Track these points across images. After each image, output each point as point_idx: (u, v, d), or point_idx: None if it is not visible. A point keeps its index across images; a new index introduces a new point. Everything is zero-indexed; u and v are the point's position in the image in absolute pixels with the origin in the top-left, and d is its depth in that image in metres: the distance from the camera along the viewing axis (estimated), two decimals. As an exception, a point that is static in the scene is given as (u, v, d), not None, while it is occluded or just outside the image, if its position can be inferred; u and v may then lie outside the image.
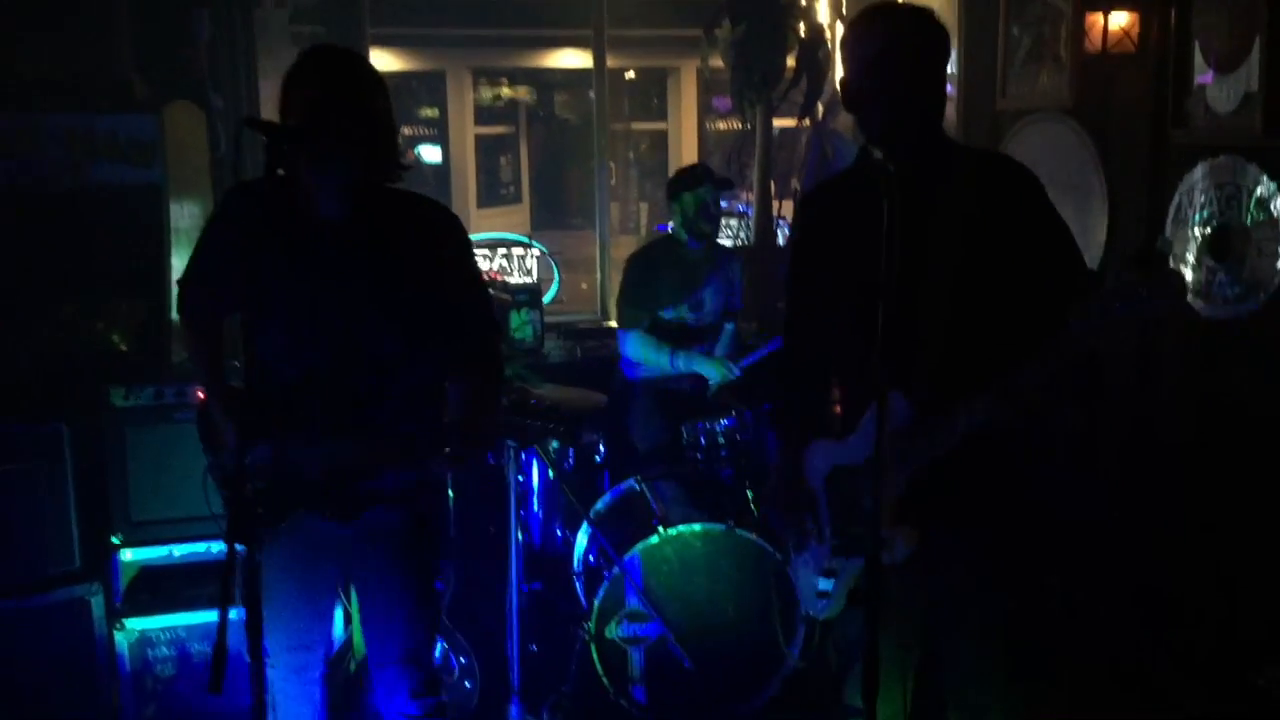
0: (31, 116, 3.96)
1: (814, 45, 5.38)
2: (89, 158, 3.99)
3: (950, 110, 4.54)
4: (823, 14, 5.62)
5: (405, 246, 2.56)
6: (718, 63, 5.88)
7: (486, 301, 2.76)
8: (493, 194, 17.76)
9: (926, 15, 2.34)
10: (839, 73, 5.90)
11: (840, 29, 5.36)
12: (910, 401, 2.26)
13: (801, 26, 5.46)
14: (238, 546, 2.10)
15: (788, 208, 5.89)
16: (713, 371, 4.42)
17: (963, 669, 2.41)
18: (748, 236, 5.96)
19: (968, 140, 4.50)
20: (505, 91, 18.64)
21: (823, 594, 2.50)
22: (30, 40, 4.18)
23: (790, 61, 5.47)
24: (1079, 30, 3.69)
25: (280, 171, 2.26)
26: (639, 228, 15.67)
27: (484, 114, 18.44)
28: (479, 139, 18.08)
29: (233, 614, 2.03)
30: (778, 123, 5.84)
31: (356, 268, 2.53)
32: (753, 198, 5.87)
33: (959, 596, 2.39)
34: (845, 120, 5.57)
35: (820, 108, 5.56)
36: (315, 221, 2.53)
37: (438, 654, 3.51)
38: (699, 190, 4.44)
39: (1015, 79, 4.18)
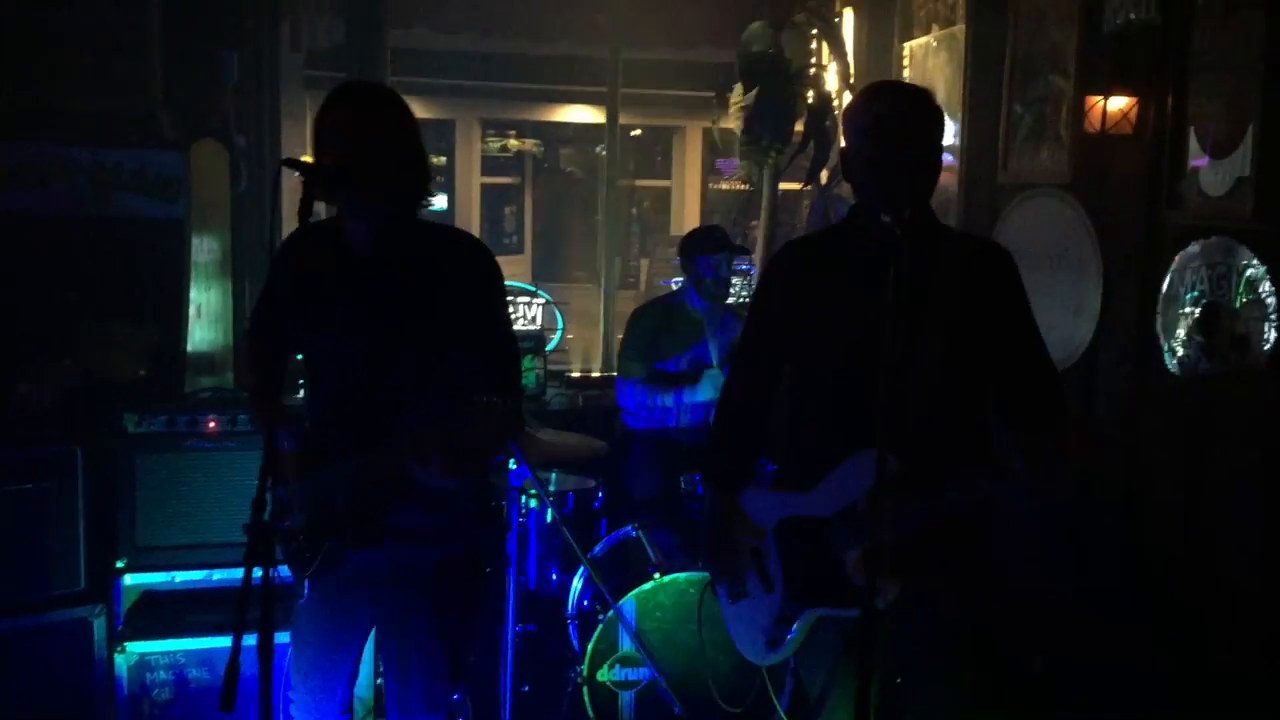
0: (63, 149, 4.09)
1: (821, 112, 5.53)
2: (116, 190, 4.12)
3: (951, 180, 4.69)
4: (831, 83, 5.78)
5: (435, 277, 2.59)
6: (725, 124, 6.02)
7: (511, 333, 2.78)
8: (495, 243, 17.91)
9: (924, 94, 2.48)
10: (842, 141, 6.08)
11: (847, 98, 5.51)
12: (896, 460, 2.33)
13: (810, 94, 5.61)
14: (255, 571, 2.14)
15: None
16: (702, 392, 4.46)
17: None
18: (750, 294, 6.07)
19: (968, 210, 4.63)
20: (512, 143, 18.88)
21: (774, 642, 2.54)
22: (65, 75, 4.32)
23: (798, 127, 5.61)
24: (1079, 111, 3.83)
25: (314, 208, 2.35)
26: (639, 283, 15.78)
27: (490, 164, 18.65)
28: (484, 188, 18.27)
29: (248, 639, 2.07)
30: (782, 186, 5.98)
31: (385, 299, 2.57)
32: (755, 257, 5.98)
33: (932, 646, 2.45)
34: (849, 186, 5.69)
35: (825, 173, 5.69)
36: (350, 255, 2.60)
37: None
38: (716, 256, 4.52)
39: (1016, 154, 4.31)
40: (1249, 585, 3.24)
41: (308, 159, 2.51)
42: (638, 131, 16.89)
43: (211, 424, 3.68)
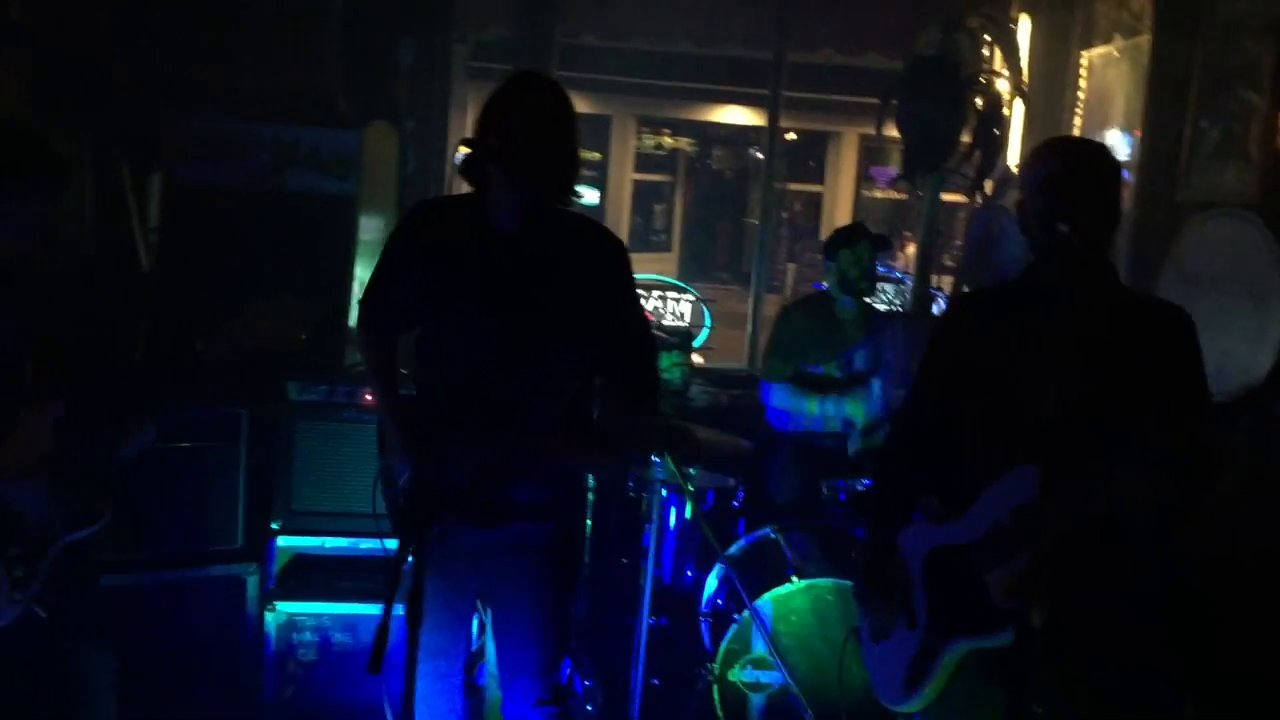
0: (245, 124, 4.26)
1: (990, 120, 5.40)
2: (292, 166, 4.27)
3: (1125, 197, 4.51)
4: (1002, 90, 5.63)
5: (571, 263, 2.65)
6: (888, 131, 5.92)
7: (645, 324, 2.84)
8: (644, 240, 18.05)
9: (1101, 149, 2.49)
10: (1013, 152, 5.92)
11: (1019, 106, 5.37)
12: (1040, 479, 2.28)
13: (980, 101, 5.48)
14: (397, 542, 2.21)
15: (945, 281, 5.90)
16: (855, 410, 4.41)
17: None
18: (903, 303, 5.97)
19: (1143, 229, 4.45)
20: (667, 141, 18.98)
21: (914, 681, 2.48)
22: (250, 56, 4.51)
23: (965, 136, 5.49)
24: (1272, 128, 3.65)
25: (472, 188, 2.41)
26: (785, 287, 15.69)
27: (644, 161, 18.80)
28: (636, 184, 18.43)
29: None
30: (943, 196, 5.86)
31: (524, 279, 2.62)
32: (907, 266, 5.88)
33: (1074, 674, 2.38)
34: (1014, 197, 5.54)
35: (990, 184, 5.55)
36: (489, 234, 2.63)
37: (564, 673, 3.58)
38: (857, 247, 4.47)
39: (1199, 171, 4.13)
40: None
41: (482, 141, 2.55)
42: (793, 135, 16.82)
43: (368, 397, 3.78)
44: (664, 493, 3.87)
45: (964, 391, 2.52)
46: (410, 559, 2.19)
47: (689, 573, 4.35)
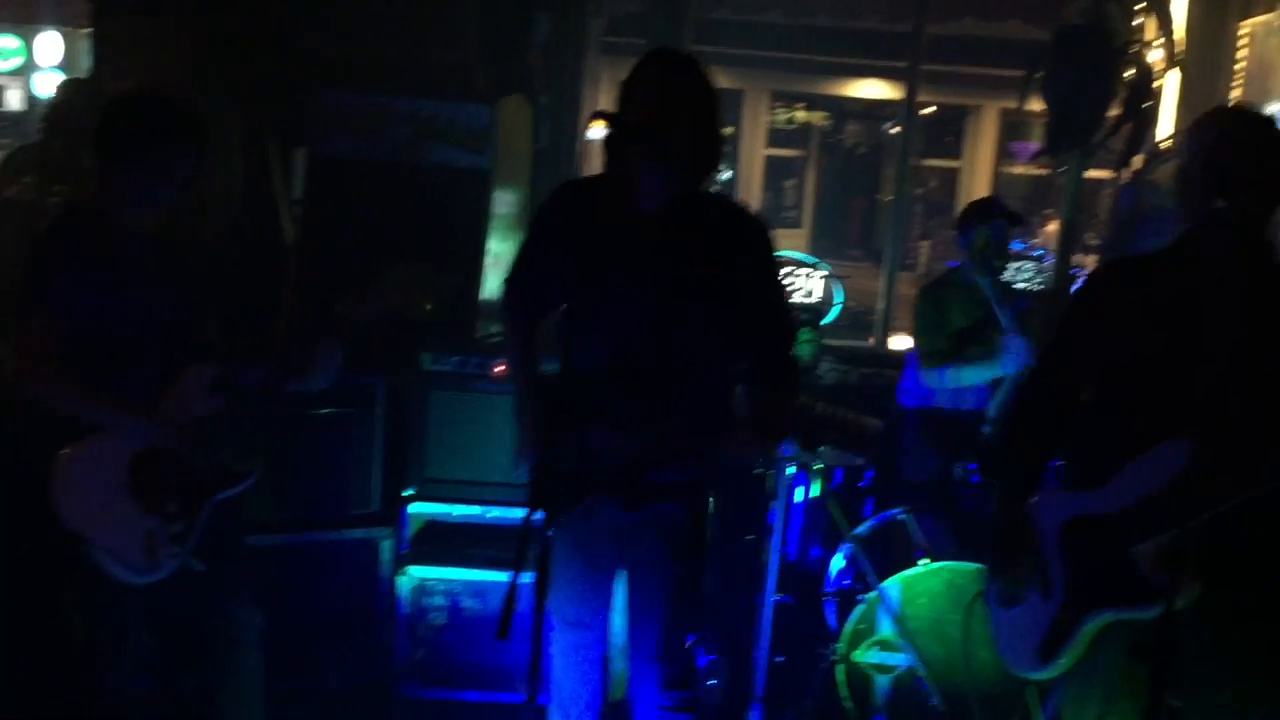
0: (382, 98, 4.34)
1: (1141, 92, 5.18)
2: (428, 139, 4.33)
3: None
4: (1153, 57, 5.39)
5: (717, 246, 2.64)
6: (1029, 104, 5.73)
7: (787, 306, 2.84)
8: (774, 216, 17.90)
9: (1268, 121, 2.40)
10: (1164, 126, 5.67)
11: (1175, 76, 5.14)
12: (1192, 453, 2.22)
13: (1130, 72, 5.26)
14: (535, 515, 2.24)
15: (1088, 260, 5.70)
16: (1009, 360, 4.24)
17: None
18: (1043, 282, 5.79)
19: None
20: (800, 115, 18.77)
21: (1048, 651, 2.45)
22: (386, 29, 4.59)
23: (1113, 109, 5.28)
24: None
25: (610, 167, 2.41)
26: (918, 265, 15.40)
27: (776, 136, 18.63)
28: (768, 160, 18.29)
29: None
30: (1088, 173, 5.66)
31: (670, 263, 2.62)
32: (1048, 244, 5.70)
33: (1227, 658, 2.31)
34: (1164, 172, 5.32)
35: (1139, 158, 5.33)
36: (634, 216, 2.64)
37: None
38: (992, 223, 4.34)
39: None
40: None
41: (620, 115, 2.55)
42: (929, 109, 16.46)
43: (499, 368, 3.83)
44: (790, 470, 3.82)
45: (1106, 358, 2.46)
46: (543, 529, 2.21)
47: (815, 551, 4.33)
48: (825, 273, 6.38)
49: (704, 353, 2.67)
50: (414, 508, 3.86)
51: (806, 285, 6.31)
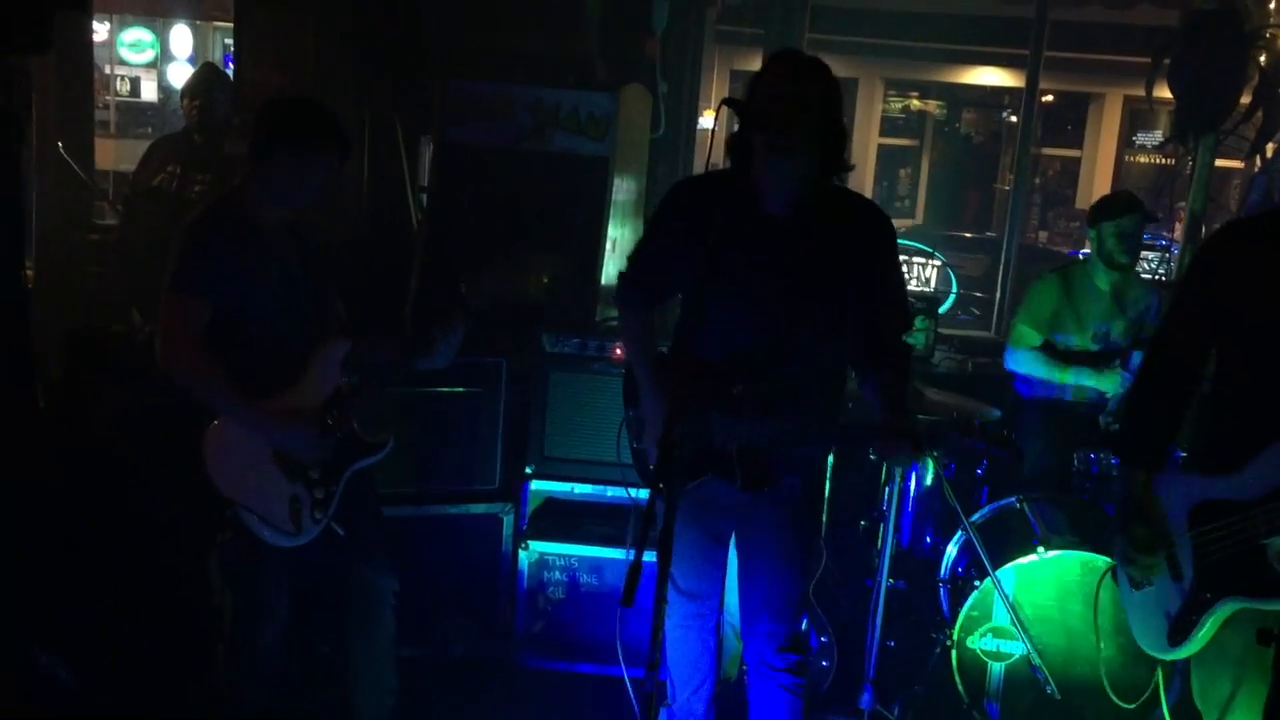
0: (508, 86, 4.45)
1: (1274, 79, 5.03)
2: (551, 127, 4.43)
3: None
4: (1289, 45, 5.24)
5: (842, 243, 2.68)
6: (1157, 92, 5.60)
7: (905, 301, 2.87)
8: (888, 205, 17.66)
9: None
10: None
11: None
12: None
13: (1263, 57, 5.11)
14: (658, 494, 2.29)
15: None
16: (1107, 384, 4.25)
17: None
18: (1167, 271, 5.67)
19: None
20: (914, 104, 18.50)
21: (1179, 634, 2.45)
22: (511, 21, 4.71)
23: (1245, 96, 5.14)
24: None
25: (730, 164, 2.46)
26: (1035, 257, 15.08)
27: (889, 125, 18.39)
28: (881, 149, 18.07)
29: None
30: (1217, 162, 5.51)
31: (795, 261, 2.68)
32: (1175, 233, 5.57)
33: None
34: (1299, 161, 5.17)
35: (1271, 146, 5.18)
36: (760, 214, 2.70)
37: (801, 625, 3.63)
38: (1123, 220, 4.27)
39: None
40: None
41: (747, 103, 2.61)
42: (1049, 97, 16.07)
43: (618, 351, 3.91)
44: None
45: (1231, 331, 2.42)
46: (662, 506, 2.27)
47: (928, 538, 4.33)
48: (940, 261, 6.33)
49: (823, 347, 2.74)
50: (535, 485, 3.98)
51: (923, 274, 6.28)
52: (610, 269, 4.75)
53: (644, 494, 2.35)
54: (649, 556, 2.15)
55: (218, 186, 4.59)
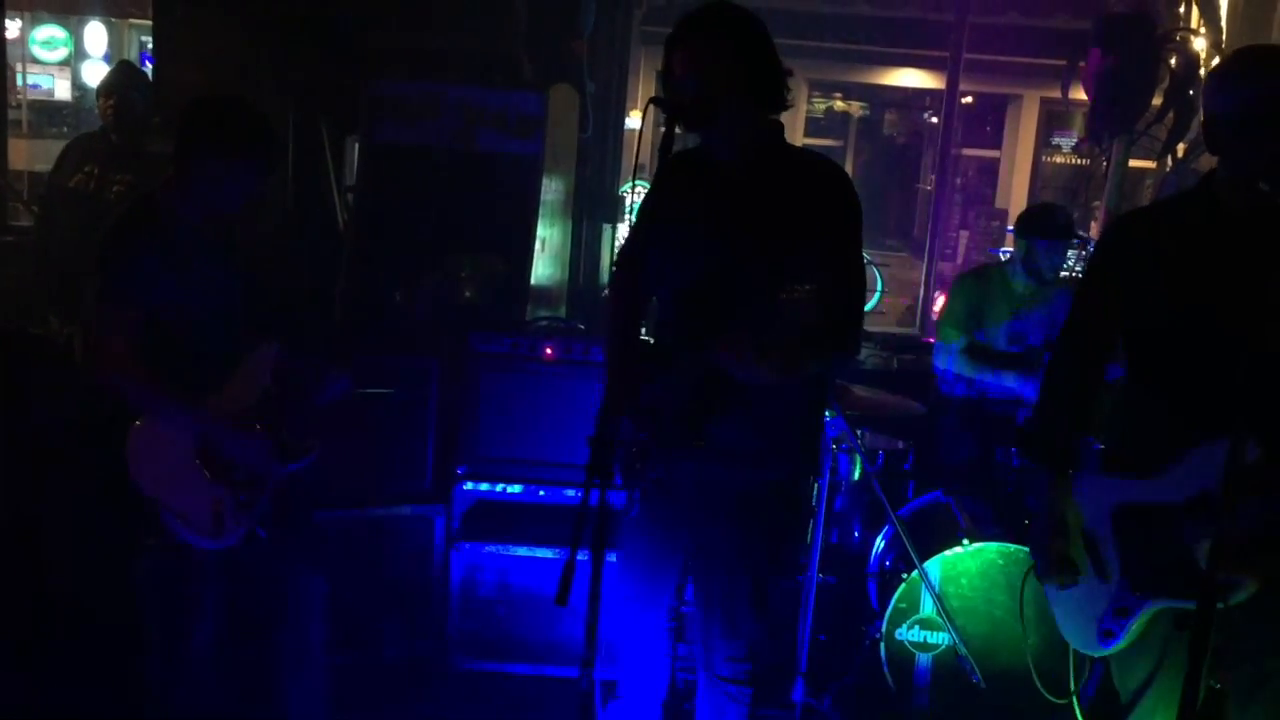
0: (436, 86, 4.43)
1: (1185, 81, 5.19)
2: (480, 126, 4.42)
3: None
4: (1198, 45, 5.40)
5: (798, 197, 2.58)
6: (1075, 94, 5.75)
7: (861, 263, 2.70)
8: (812, 205, 17.84)
9: None
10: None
11: (1216, 63, 5.13)
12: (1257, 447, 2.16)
13: (1174, 60, 5.27)
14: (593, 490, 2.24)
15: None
16: (1031, 389, 4.35)
17: None
18: (1082, 268, 5.80)
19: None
20: (838, 105, 18.74)
21: (1109, 633, 2.45)
22: (438, 19, 4.69)
23: (1157, 98, 5.29)
24: None
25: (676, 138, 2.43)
26: (956, 255, 15.34)
27: (813, 125, 18.60)
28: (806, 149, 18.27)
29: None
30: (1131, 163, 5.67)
31: (745, 214, 2.59)
32: (1090, 231, 5.72)
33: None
34: (1206, 162, 5.32)
35: (1182, 146, 5.34)
36: (715, 171, 2.65)
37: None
38: (1055, 242, 4.36)
39: None
40: None
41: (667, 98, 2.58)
42: (969, 99, 16.38)
43: (549, 351, 3.91)
44: (834, 449, 3.88)
45: (1137, 320, 2.42)
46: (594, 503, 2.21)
47: (856, 533, 4.39)
48: (864, 260, 6.41)
49: (766, 303, 2.46)
50: (466, 485, 3.96)
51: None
52: (540, 269, 4.76)
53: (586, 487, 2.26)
54: (584, 555, 2.15)
55: (137, 187, 4.50)
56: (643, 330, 3.03)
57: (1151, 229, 2.49)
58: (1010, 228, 4.52)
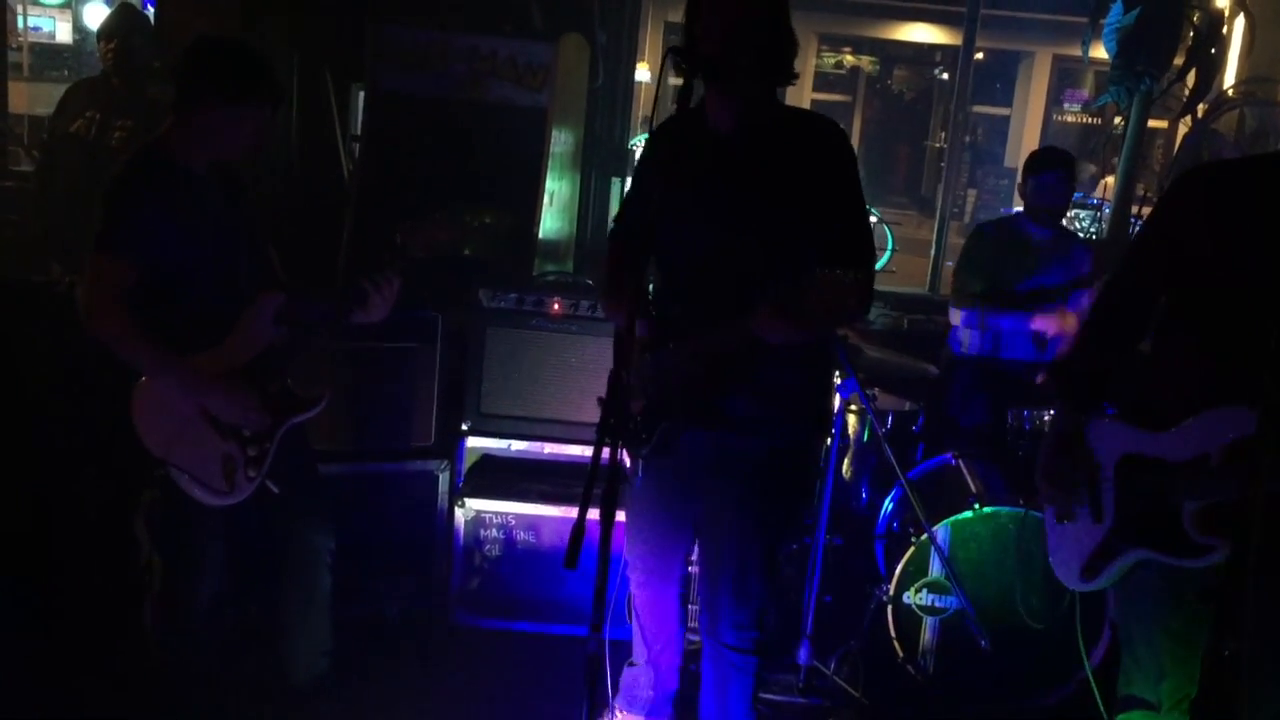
0: (444, 34, 4.33)
1: (1208, 38, 5.08)
2: (488, 76, 4.33)
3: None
4: (1221, 2, 5.28)
5: (795, 157, 2.56)
6: (1094, 51, 5.63)
7: (864, 214, 2.66)
8: (819, 161, 17.69)
9: None
10: (1230, 74, 5.56)
11: (1241, 22, 5.03)
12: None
13: (1196, 16, 5.15)
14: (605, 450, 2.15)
15: (1146, 212, 5.62)
16: (1046, 323, 4.27)
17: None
18: (1099, 230, 5.74)
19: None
20: (848, 59, 18.52)
21: (1090, 571, 2.50)
22: (449, -33, 4.58)
23: (1179, 56, 5.18)
24: None
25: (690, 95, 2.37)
26: (964, 214, 15.24)
27: (822, 81, 18.41)
28: (814, 105, 18.09)
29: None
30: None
31: (743, 176, 2.57)
32: (1106, 193, 5.63)
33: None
34: (1226, 121, 5.24)
35: (1203, 106, 5.24)
36: (714, 136, 2.60)
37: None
38: (1059, 173, 4.31)
39: None
40: None
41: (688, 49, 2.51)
42: (980, 55, 16.18)
43: (556, 306, 3.86)
44: (840, 395, 3.79)
45: (1185, 280, 2.37)
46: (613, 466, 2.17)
47: (864, 495, 4.35)
48: (875, 217, 6.34)
49: (777, 264, 2.52)
50: (471, 441, 3.92)
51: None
52: (548, 223, 4.68)
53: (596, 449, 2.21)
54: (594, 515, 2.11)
55: (140, 133, 4.42)
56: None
57: (1212, 185, 2.41)
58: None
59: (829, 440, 3.73)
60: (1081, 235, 5.86)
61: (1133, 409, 2.55)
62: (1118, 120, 5.85)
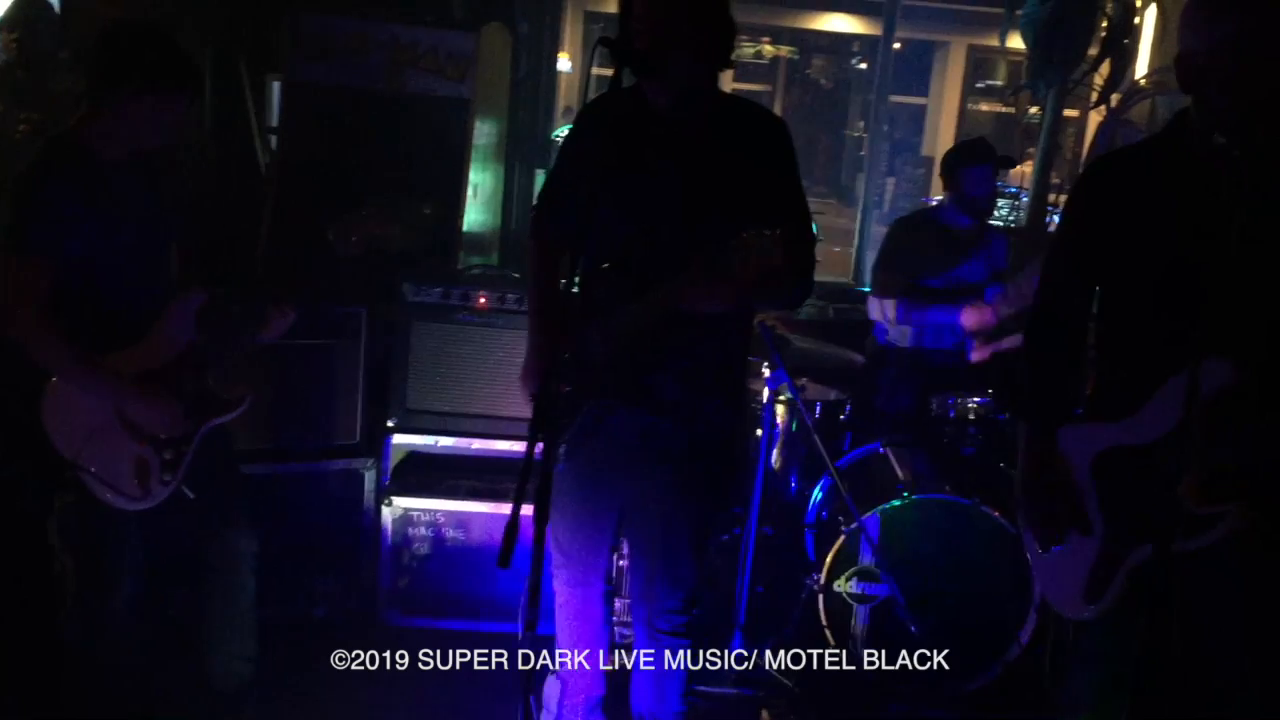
0: (363, 24, 4.24)
1: (1121, 30, 5.18)
2: (408, 67, 4.25)
3: None
4: (1134, -2, 5.40)
5: (732, 144, 2.55)
6: (1011, 41, 5.71)
7: (805, 205, 2.65)
8: (740, 151, 17.74)
9: None
10: (1143, 63, 5.68)
11: (1152, 13, 5.14)
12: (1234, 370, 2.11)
13: (1110, 6, 5.25)
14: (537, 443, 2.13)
15: (1062, 199, 5.72)
16: (966, 317, 4.29)
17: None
18: (1017, 218, 5.83)
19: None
20: (767, 49, 18.60)
21: (1093, 593, 2.35)
22: (366, -50, 4.48)
23: (1093, 47, 5.28)
24: None
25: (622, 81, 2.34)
26: (883, 203, 15.41)
27: (741, 70, 18.46)
28: (734, 94, 18.15)
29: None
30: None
31: (679, 161, 2.55)
32: (1022, 181, 5.73)
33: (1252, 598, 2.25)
34: (1139, 110, 5.35)
35: (1116, 96, 5.35)
36: (650, 119, 2.57)
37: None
38: (984, 167, 4.34)
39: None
40: None
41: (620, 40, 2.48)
42: (897, 45, 16.36)
43: (482, 299, 3.81)
44: (769, 386, 3.80)
45: (1111, 268, 2.38)
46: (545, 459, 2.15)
47: (793, 484, 4.37)
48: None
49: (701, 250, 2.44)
50: (397, 438, 3.86)
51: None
52: (472, 215, 4.62)
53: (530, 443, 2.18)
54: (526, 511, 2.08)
55: (45, 126, 4.27)
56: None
57: (1118, 174, 2.43)
58: (939, 175, 4.47)
59: (758, 430, 3.74)
60: (1000, 224, 5.96)
61: (1091, 406, 2.52)
62: (1033, 110, 5.95)
